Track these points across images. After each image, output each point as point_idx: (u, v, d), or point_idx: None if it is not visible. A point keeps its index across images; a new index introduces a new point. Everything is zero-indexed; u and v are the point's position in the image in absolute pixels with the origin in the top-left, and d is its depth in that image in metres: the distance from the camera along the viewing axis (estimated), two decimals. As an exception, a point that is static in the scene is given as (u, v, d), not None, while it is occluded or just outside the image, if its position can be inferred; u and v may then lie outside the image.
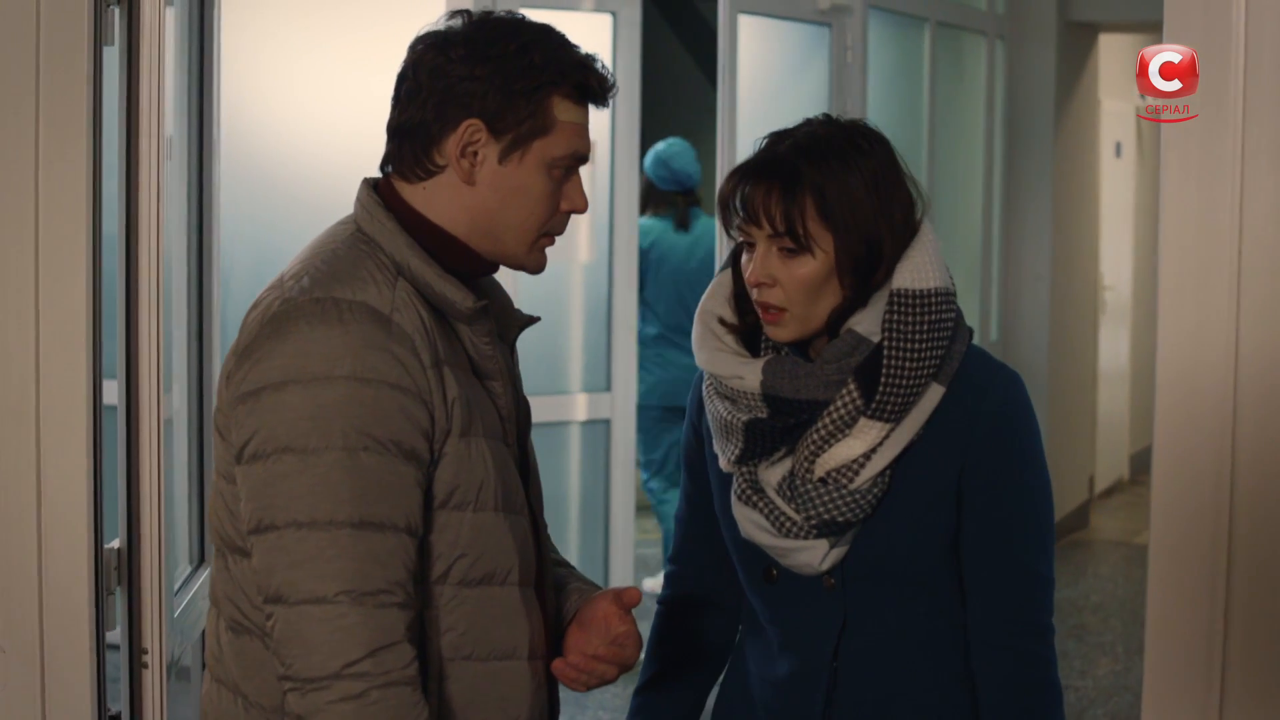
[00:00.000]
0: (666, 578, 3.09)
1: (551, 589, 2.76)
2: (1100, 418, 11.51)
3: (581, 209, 2.63)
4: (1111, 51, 10.93)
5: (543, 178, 2.55)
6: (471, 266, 2.59)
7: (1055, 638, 2.81)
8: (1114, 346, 12.00)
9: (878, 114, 7.74)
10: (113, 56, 2.99)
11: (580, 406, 7.21)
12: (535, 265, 2.64)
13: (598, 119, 6.94)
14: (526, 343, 7.10)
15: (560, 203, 2.60)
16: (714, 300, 2.85)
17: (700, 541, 3.00)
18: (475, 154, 2.52)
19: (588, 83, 2.58)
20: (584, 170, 6.97)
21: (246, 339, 2.45)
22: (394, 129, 2.58)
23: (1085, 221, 10.77)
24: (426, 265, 2.51)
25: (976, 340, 2.83)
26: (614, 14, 7.15)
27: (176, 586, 3.42)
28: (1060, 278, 10.10)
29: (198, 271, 3.59)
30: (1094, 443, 11.34)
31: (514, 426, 2.68)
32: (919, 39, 8.44)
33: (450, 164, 2.53)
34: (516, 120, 2.52)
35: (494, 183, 2.53)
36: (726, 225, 2.76)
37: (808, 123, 2.76)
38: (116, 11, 2.97)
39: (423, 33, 2.57)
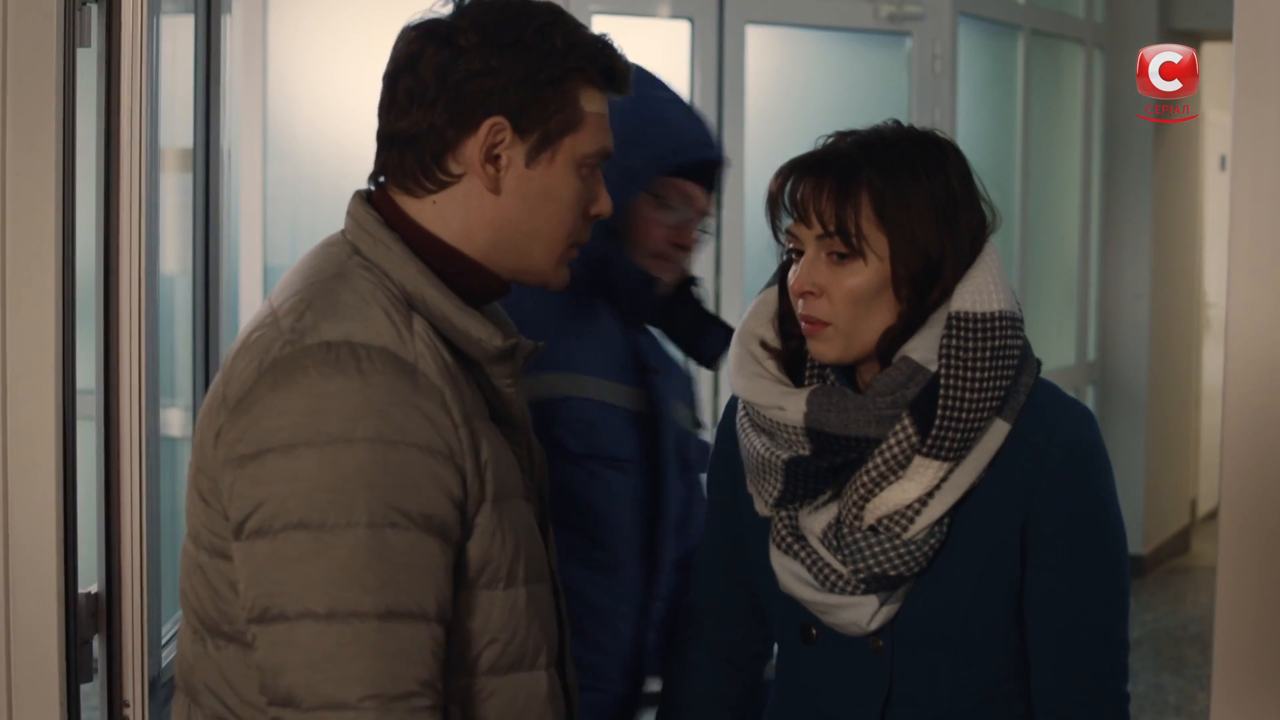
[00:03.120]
0: (684, 622, 2.80)
1: (571, 663, 2.46)
2: (1204, 439, 11.20)
3: (608, 213, 2.33)
4: (1215, 61, 10.62)
5: (574, 179, 2.25)
6: (486, 289, 2.28)
7: (1131, 705, 2.54)
8: (1219, 365, 11.66)
9: (967, 126, 7.55)
10: (90, 59, 2.79)
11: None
12: (561, 280, 2.33)
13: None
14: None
15: (589, 207, 2.30)
16: (756, 320, 2.56)
17: (726, 585, 2.73)
18: (499, 158, 2.20)
19: (614, 67, 2.27)
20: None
21: (240, 388, 2.09)
22: (391, 137, 2.24)
23: (1187, 237, 10.49)
24: (444, 297, 2.18)
25: (1073, 360, 2.57)
26: (691, 20, 6.93)
27: (170, 632, 3.20)
28: (1161, 295, 9.81)
29: (204, 287, 3.39)
30: (1196, 465, 11.03)
31: (533, 479, 2.37)
32: (1012, 48, 8.21)
33: (471, 172, 2.20)
34: (544, 115, 2.20)
35: (521, 189, 2.22)
36: (775, 228, 2.48)
37: (877, 126, 2.49)
38: (94, 11, 2.76)
39: (415, 22, 2.25)
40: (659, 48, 6.97)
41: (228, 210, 3.50)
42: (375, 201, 2.28)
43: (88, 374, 2.86)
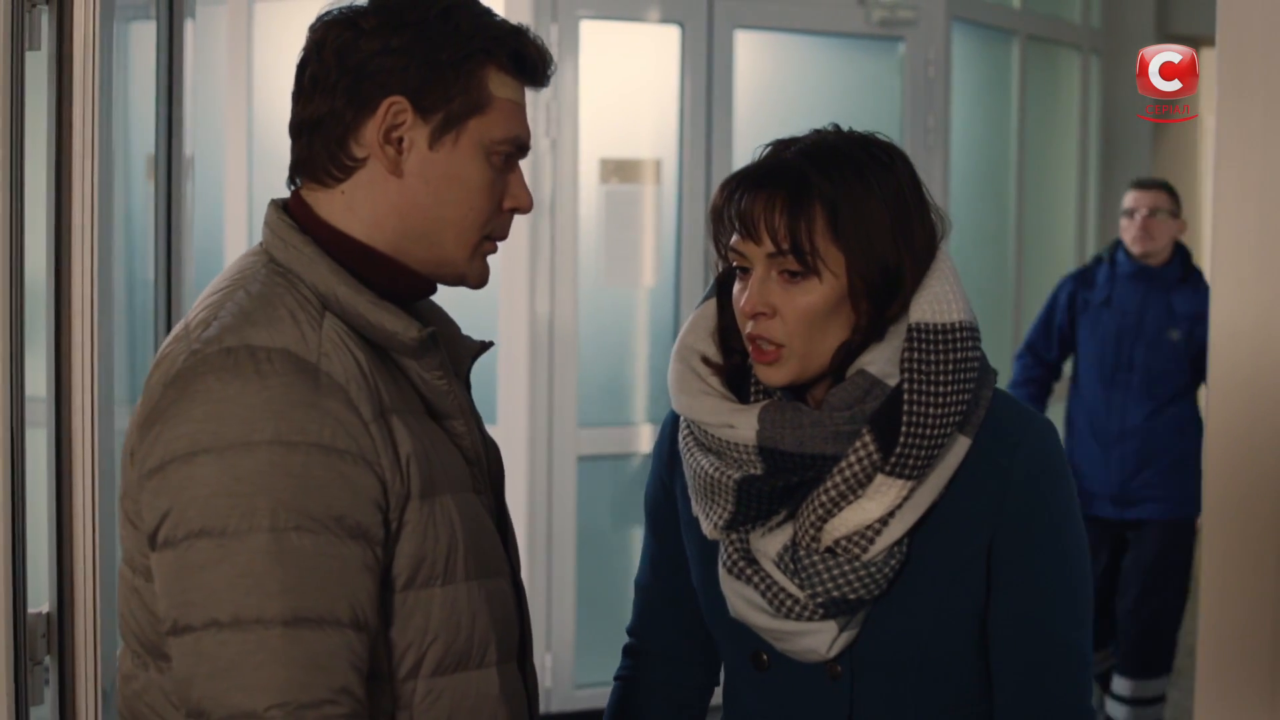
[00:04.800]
0: (624, 652, 2.72)
1: (533, 660, 2.40)
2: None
3: (526, 207, 2.27)
4: (1213, 66, 10.58)
5: (481, 164, 2.20)
6: (408, 287, 2.24)
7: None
8: (1218, 374, 11.60)
9: (961, 132, 7.49)
10: (40, 62, 2.73)
11: (645, 438, 6.91)
12: (478, 276, 2.27)
13: (664, 136, 6.81)
14: (589, 372, 6.93)
15: (503, 199, 2.24)
16: (695, 335, 2.46)
17: (667, 613, 2.64)
18: (400, 140, 2.16)
19: (525, 52, 2.22)
20: (649, 189, 6.67)
21: (148, 405, 2.08)
22: (299, 126, 2.22)
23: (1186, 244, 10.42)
24: (357, 293, 2.15)
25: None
26: (681, 25, 6.86)
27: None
28: (1159, 303, 9.70)
29: (166, 296, 3.34)
30: (1204, 476, 10.91)
31: (484, 471, 2.31)
32: (1007, 54, 8.14)
33: (373, 154, 2.17)
34: (446, 96, 2.16)
35: (425, 172, 2.18)
36: (718, 244, 2.39)
37: (816, 131, 2.40)
38: (45, 14, 2.70)
39: (322, 13, 2.22)
40: (649, 52, 6.90)
41: (214, 216, 3.45)
42: (290, 207, 2.25)
43: (39, 381, 2.80)
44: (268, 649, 1.97)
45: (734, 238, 2.36)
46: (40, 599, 2.82)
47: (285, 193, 2.32)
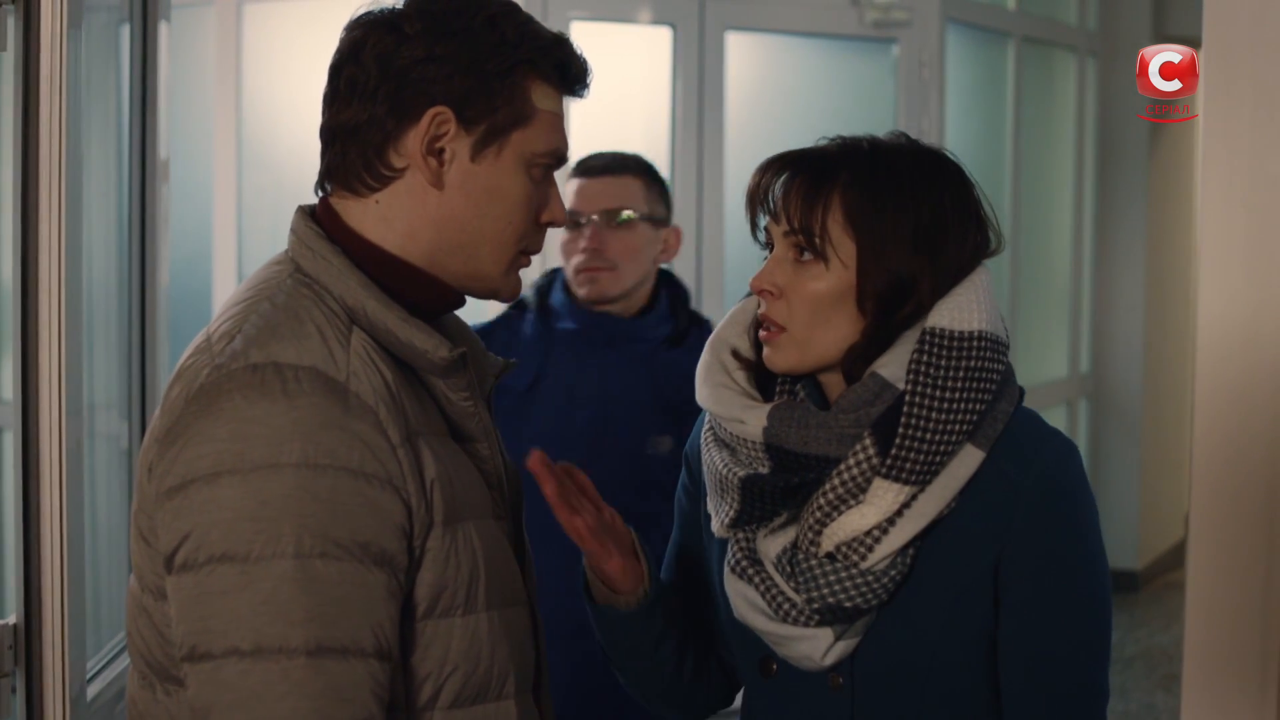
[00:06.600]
0: None
1: (548, 691, 2.33)
2: (1199, 452, 11.08)
3: (562, 221, 2.21)
4: (1211, 69, 10.56)
5: (522, 178, 2.13)
6: (437, 300, 2.17)
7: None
8: (1215, 377, 11.56)
9: (956, 134, 7.46)
10: (6, 63, 2.70)
11: (637, 442, 6.86)
12: (510, 290, 2.21)
13: (656, 139, 6.76)
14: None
15: (540, 213, 2.18)
16: (731, 328, 2.43)
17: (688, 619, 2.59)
18: (442, 151, 2.09)
19: (568, 64, 2.16)
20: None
21: (169, 420, 1.99)
22: (333, 131, 2.14)
23: (1182, 247, 10.39)
24: (386, 309, 2.07)
25: (1065, 373, 2.45)
26: (674, 26, 6.82)
27: (100, 664, 3.08)
28: (1155, 306, 9.74)
29: (140, 298, 3.31)
30: (1191, 479, 10.88)
31: (504, 496, 2.24)
32: (1002, 55, 8.11)
33: (413, 165, 2.09)
34: (491, 107, 2.09)
35: (465, 184, 2.10)
36: (753, 224, 2.37)
37: (879, 135, 2.37)
38: (11, 15, 2.67)
39: (360, 14, 2.14)
40: (640, 54, 6.87)
41: (203, 220, 3.42)
42: (319, 215, 2.17)
43: (7, 386, 2.76)
44: (291, 680, 1.90)
45: (764, 217, 2.35)
46: (7, 610, 2.78)
47: (274, 196, 2.26)
